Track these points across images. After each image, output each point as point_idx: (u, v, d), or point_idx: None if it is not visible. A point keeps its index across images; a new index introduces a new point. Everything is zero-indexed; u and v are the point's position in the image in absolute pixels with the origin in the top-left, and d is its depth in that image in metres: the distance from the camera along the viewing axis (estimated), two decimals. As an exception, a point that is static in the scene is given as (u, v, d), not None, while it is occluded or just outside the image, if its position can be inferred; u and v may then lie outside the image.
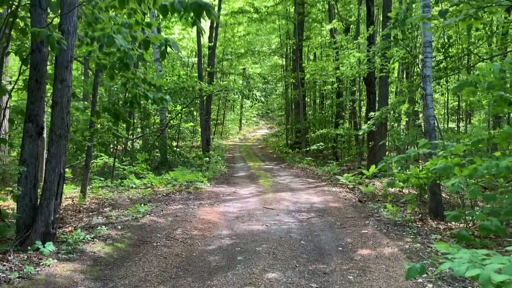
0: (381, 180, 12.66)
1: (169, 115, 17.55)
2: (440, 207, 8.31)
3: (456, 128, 17.83)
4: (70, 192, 9.22)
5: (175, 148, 19.84)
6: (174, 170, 13.43)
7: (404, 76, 22.14)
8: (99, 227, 5.82)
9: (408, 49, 10.28)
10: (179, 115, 17.05)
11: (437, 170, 5.14)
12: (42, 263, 4.33)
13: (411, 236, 6.45)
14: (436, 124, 8.67)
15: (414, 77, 11.69)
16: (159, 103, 6.02)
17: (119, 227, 6.05)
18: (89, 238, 5.23)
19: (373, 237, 6.53)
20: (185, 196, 9.69)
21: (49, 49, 5.04)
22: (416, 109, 11.51)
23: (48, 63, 5.62)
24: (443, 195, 9.23)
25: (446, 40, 11.01)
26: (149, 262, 4.92)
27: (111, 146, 9.28)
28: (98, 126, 7.39)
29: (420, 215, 8.21)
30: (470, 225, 6.96)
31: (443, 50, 11.06)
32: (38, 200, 5.02)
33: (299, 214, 8.14)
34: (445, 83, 13.29)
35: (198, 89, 14.85)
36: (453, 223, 7.74)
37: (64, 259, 4.55)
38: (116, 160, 11.20)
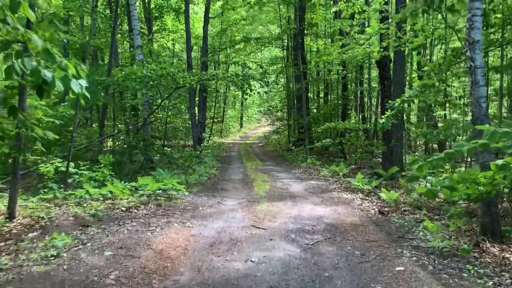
0: (403, 183, 10.26)
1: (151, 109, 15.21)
2: (497, 224, 5.92)
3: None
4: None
5: (162, 148, 17.58)
6: (151, 174, 11.13)
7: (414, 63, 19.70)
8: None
9: (443, 16, 7.90)
10: (158, 109, 14.74)
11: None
12: None
13: (477, 279, 4.10)
14: (488, 108, 6.33)
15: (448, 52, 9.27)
16: (67, 86, 3.69)
17: (6, 278, 3.72)
18: None
19: (415, 280, 4.19)
20: (151, 210, 7.37)
21: None
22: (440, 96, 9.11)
23: None
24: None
25: (488, 5, 8.59)
26: None
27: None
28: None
29: (473, 237, 5.82)
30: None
31: (484, 18, 8.66)
32: None
33: (302, 237, 5.80)
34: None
35: (181, 77, 12.50)
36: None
37: None
38: (72, 164, 8.89)
